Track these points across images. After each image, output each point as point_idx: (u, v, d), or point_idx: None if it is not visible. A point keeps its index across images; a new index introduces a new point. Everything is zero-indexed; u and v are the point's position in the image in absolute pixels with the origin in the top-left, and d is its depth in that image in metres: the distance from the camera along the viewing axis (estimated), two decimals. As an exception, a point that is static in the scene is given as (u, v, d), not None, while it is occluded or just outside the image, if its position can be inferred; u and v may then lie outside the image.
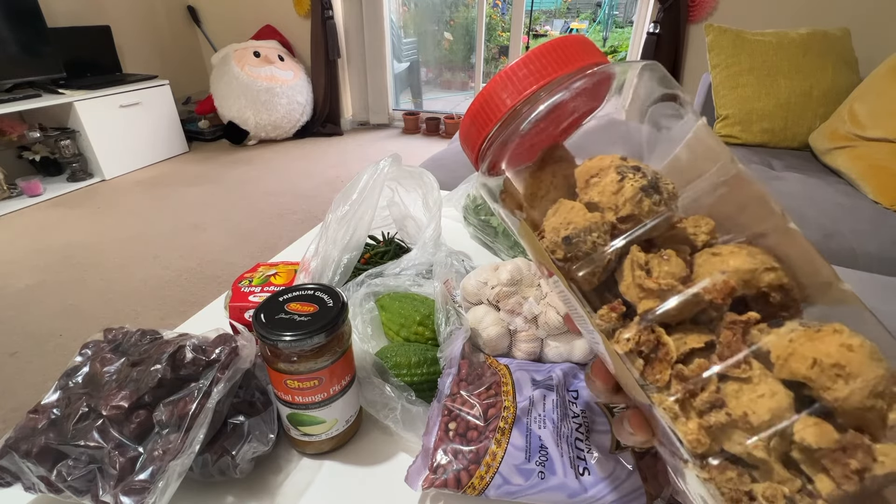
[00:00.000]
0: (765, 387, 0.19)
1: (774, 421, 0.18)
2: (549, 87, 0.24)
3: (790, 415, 0.18)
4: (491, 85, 0.25)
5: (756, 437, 0.18)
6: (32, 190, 2.41)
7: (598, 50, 0.25)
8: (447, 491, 0.35)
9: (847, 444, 0.17)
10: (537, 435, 0.37)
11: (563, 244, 0.22)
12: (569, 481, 0.34)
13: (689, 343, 0.20)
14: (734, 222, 0.22)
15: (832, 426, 0.17)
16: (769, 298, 0.20)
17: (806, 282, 0.20)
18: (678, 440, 0.20)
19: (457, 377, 0.41)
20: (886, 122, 1.32)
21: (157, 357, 0.36)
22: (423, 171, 0.59)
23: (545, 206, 0.24)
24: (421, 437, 0.38)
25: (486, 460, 0.35)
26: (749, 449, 0.18)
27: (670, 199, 0.22)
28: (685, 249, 0.22)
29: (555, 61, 0.24)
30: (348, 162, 2.99)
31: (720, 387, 0.19)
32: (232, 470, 0.35)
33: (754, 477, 0.18)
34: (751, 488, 0.18)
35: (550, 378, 0.42)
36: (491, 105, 0.25)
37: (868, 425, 0.18)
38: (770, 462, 0.18)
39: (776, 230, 0.21)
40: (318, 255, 0.51)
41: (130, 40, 3.12)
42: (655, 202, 0.21)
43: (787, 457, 0.18)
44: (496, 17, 4.70)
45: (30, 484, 0.33)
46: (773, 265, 0.20)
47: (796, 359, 0.18)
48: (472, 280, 0.50)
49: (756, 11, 2.29)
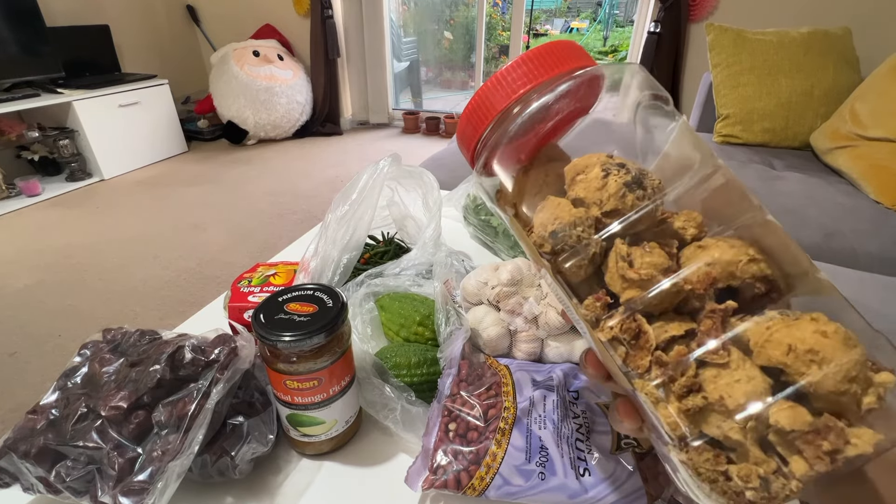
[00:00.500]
0: (742, 372, 0.19)
1: (749, 404, 0.19)
2: (539, 89, 0.25)
3: (766, 399, 0.19)
4: (484, 87, 0.27)
5: (732, 419, 0.19)
6: (31, 190, 2.40)
7: (586, 53, 0.27)
8: (447, 492, 0.34)
9: (820, 427, 0.18)
10: (538, 436, 0.37)
11: (550, 238, 0.23)
12: (569, 482, 0.34)
13: (670, 331, 0.21)
14: (720, 215, 0.23)
15: (807, 410, 0.18)
16: (755, 289, 0.21)
17: (788, 271, 0.21)
18: (660, 424, 0.20)
19: (457, 378, 0.41)
20: (888, 121, 1.32)
21: (156, 357, 0.36)
22: (423, 171, 0.59)
23: (538, 203, 0.25)
24: (421, 437, 0.38)
25: (487, 461, 0.35)
26: (726, 431, 0.19)
27: (655, 193, 0.23)
28: (672, 243, 0.23)
29: (544, 64, 0.25)
30: (348, 161, 2.98)
31: (699, 372, 0.20)
32: (231, 471, 0.35)
33: (732, 458, 0.19)
34: (727, 468, 0.19)
35: (551, 378, 0.42)
36: (484, 106, 0.26)
37: (843, 409, 0.18)
38: (746, 444, 0.19)
39: (756, 222, 0.22)
40: (318, 254, 0.51)
41: (129, 39, 3.11)
42: (639, 197, 0.22)
43: (764, 439, 0.19)
44: (496, 16, 4.70)
45: (28, 485, 0.33)
46: (756, 257, 0.21)
47: (773, 345, 0.19)
48: (472, 280, 0.49)
49: (757, 10, 2.28)
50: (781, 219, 0.85)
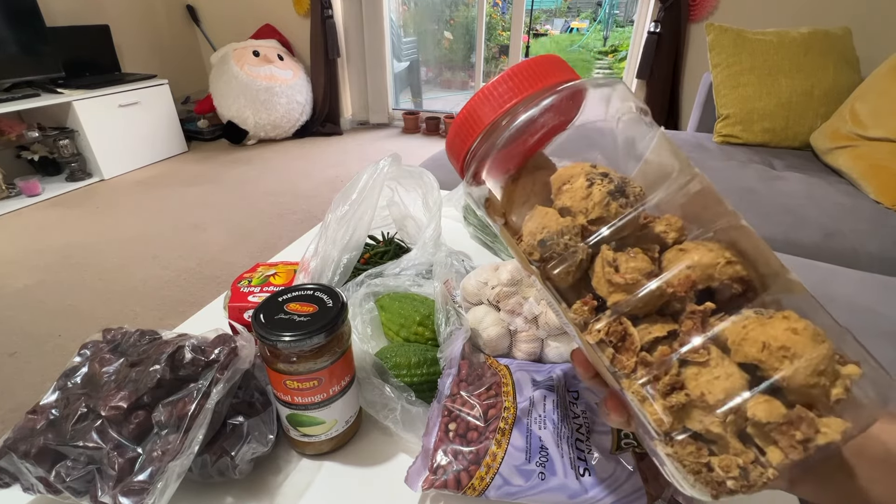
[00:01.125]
0: (721, 369, 0.21)
1: (729, 400, 0.20)
2: (525, 102, 0.27)
3: (744, 394, 0.20)
4: (472, 101, 0.28)
5: (713, 414, 0.20)
6: (31, 190, 2.40)
7: (570, 68, 0.29)
8: (447, 492, 0.34)
9: (793, 418, 0.19)
10: (537, 436, 0.37)
11: (539, 247, 0.25)
12: (569, 482, 0.34)
13: (654, 332, 0.23)
14: (698, 219, 0.25)
15: (781, 403, 0.20)
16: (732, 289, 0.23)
17: (761, 272, 0.23)
18: (646, 421, 0.22)
19: (457, 378, 0.41)
20: (888, 121, 1.32)
21: (155, 357, 0.36)
22: (422, 171, 0.59)
23: (526, 212, 0.27)
24: (421, 437, 0.38)
25: (487, 461, 0.35)
26: (707, 425, 0.20)
27: (637, 201, 0.24)
28: (654, 248, 0.24)
29: (530, 79, 0.27)
30: (348, 161, 2.98)
31: (681, 370, 0.22)
32: (231, 471, 0.35)
33: (713, 451, 0.21)
34: (709, 460, 0.20)
35: (551, 379, 0.42)
36: (473, 119, 0.28)
37: (814, 401, 0.20)
38: (726, 437, 0.20)
39: (731, 225, 0.24)
40: (318, 254, 0.51)
41: (129, 39, 3.11)
42: (622, 205, 0.24)
43: (742, 432, 0.21)
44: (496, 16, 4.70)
45: (28, 484, 0.33)
46: (733, 259, 0.23)
47: (749, 343, 0.21)
48: (472, 280, 0.49)
49: (757, 10, 2.28)
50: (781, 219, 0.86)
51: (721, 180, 1.36)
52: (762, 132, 1.64)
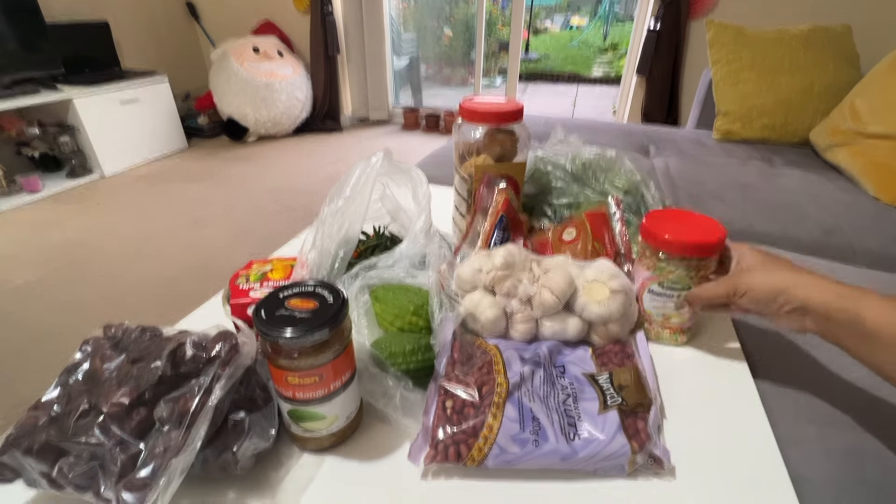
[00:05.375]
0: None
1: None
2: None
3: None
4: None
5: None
6: (31, 186, 2.40)
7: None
8: (449, 464, 0.37)
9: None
10: (529, 407, 0.40)
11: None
12: (561, 447, 0.37)
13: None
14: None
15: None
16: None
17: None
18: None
19: (451, 359, 0.44)
20: (887, 117, 1.32)
21: (157, 354, 0.36)
22: (411, 167, 0.60)
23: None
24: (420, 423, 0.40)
25: (484, 433, 0.37)
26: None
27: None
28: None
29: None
30: (348, 158, 2.98)
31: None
32: (233, 466, 0.35)
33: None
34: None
35: (538, 355, 0.45)
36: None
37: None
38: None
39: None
40: (316, 247, 0.52)
41: (129, 36, 3.10)
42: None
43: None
44: (496, 12, 4.68)
45: (31, 480, 0.33)
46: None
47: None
48: (466, 268, 0.51)
49: (757, 7, 2.28)
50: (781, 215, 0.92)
51: (720, 177, 1.36)
52: (762, 129, 1.64)
